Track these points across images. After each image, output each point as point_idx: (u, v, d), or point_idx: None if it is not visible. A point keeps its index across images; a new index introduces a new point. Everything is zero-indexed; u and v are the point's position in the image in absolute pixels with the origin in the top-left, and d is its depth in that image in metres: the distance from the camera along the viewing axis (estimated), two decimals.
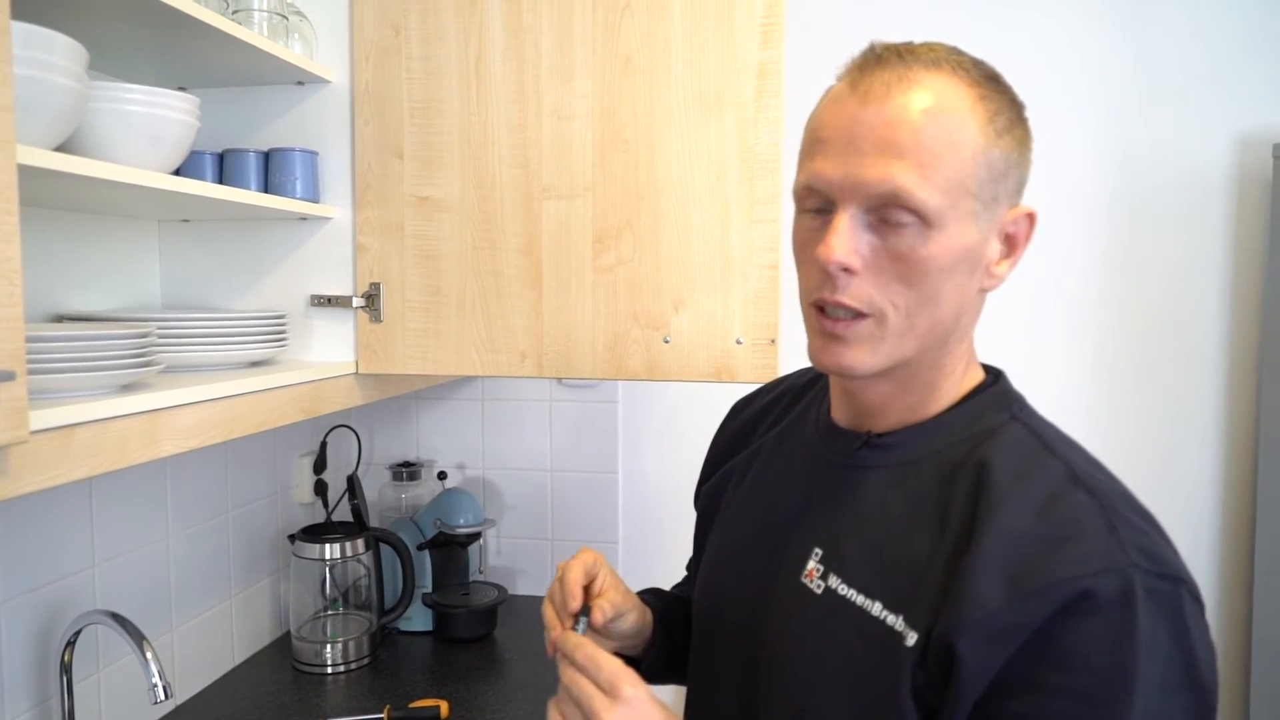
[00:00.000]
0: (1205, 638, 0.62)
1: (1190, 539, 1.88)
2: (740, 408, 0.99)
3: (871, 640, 0.67)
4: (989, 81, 0.68)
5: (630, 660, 0.92)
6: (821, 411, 0.82)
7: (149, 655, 1.12)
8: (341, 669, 1.60)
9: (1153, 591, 0.60)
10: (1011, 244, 0.70)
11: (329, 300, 1.32)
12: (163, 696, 1.11)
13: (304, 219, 1.31)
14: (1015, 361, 1.97)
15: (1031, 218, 0.70)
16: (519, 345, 1.27)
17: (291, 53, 1.22)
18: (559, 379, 1.97)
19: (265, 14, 1.22)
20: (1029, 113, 0.71)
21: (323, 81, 1.30)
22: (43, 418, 0.78)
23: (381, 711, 1.41)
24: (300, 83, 1.31)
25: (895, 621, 0.66)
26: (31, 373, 0.78)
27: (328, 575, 1.67)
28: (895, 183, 0.64)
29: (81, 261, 1.23)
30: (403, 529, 1.80)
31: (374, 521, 1.88)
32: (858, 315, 0.68)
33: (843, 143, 0.67)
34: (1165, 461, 1.90)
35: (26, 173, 0.77)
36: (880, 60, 0.67)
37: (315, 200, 1.30)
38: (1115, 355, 1.91)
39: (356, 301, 1.31)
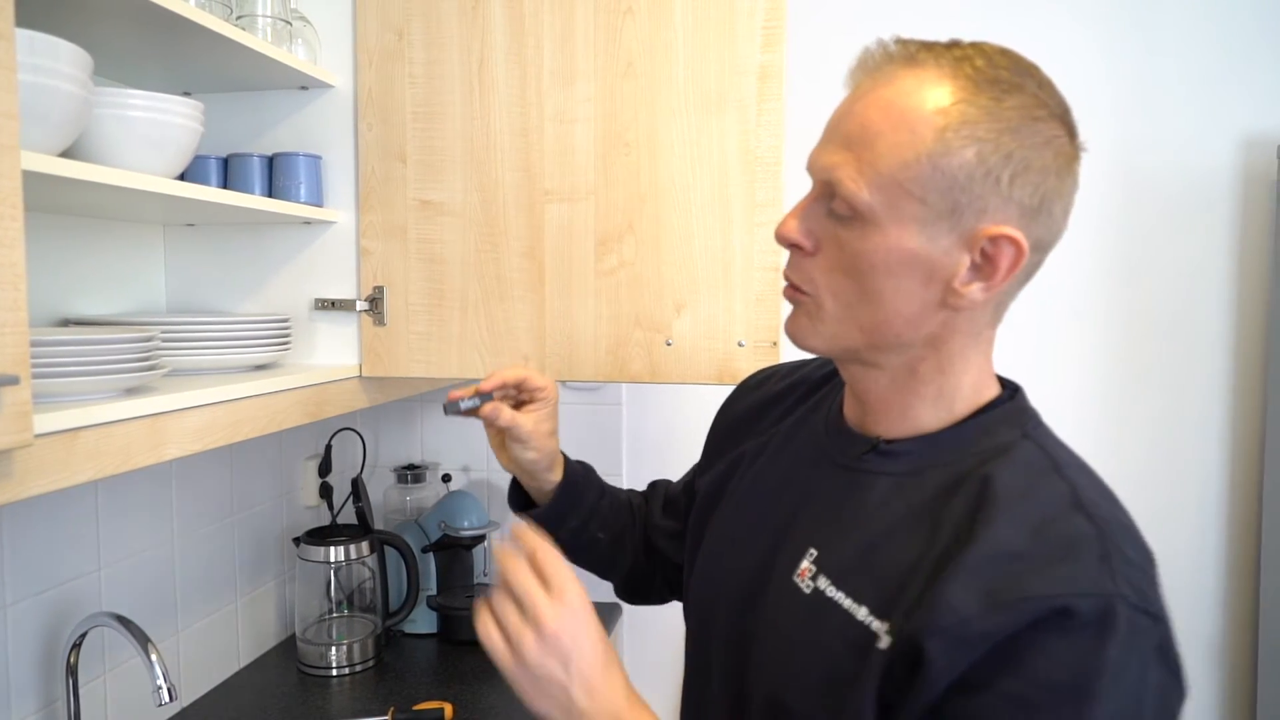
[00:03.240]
0: (1177, 687, 0.61)
1: (1197, 541, 1.88)
2: (749, 388, 0.98)
3: (852, 644, 0.66)
4: (988, 89, 0.64)
5: (526, 503, 1.04)
6: (833, 408, 0.82)
7: (154, 658, 1.12)
8: (346, 671, 1.60)
9: (1134, 625, 0.58)
10: (991, 266, 0.65)
11: (333, 304, 1.33)
12: (168, 699, 1.11)
13: (308, 223, 1.32)
14: (1019, 366, 1.96)
15: (1011, 240, 0.64)
16: (522, 348, 1.28)
17: (295, 58, 1.23)
18: (562, 382, 1.97)
19: (269, 19, 1.22)
20: None
21: (326, 86, 1.31)
22: (47, 421, 0.79)
23: (386, 714, 1.41)
24: (304, 88, 1.32)
25: (879, 628, 0.65)
26: (36, 377, 0.78)
27: (333, 578, 1.68)
28: (833, 173, 0.67)
29: (86, 266, 1.23)
30: (407, 531, 1.81)
31: (379, 524, 1.88)
32: (799, 290, 0.71)
33: (825, 130, 0.71)
34: (1172, 464, 1.90)
35: (31, 178, 0.78)
36: (879, 55, 0.68)
37: (319, 204, 1.31)
38: (1121, 358, 1.91)
39: (360, 305, 1.31)
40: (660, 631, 1.97)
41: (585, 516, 1.02)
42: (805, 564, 0.73)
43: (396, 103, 1.28)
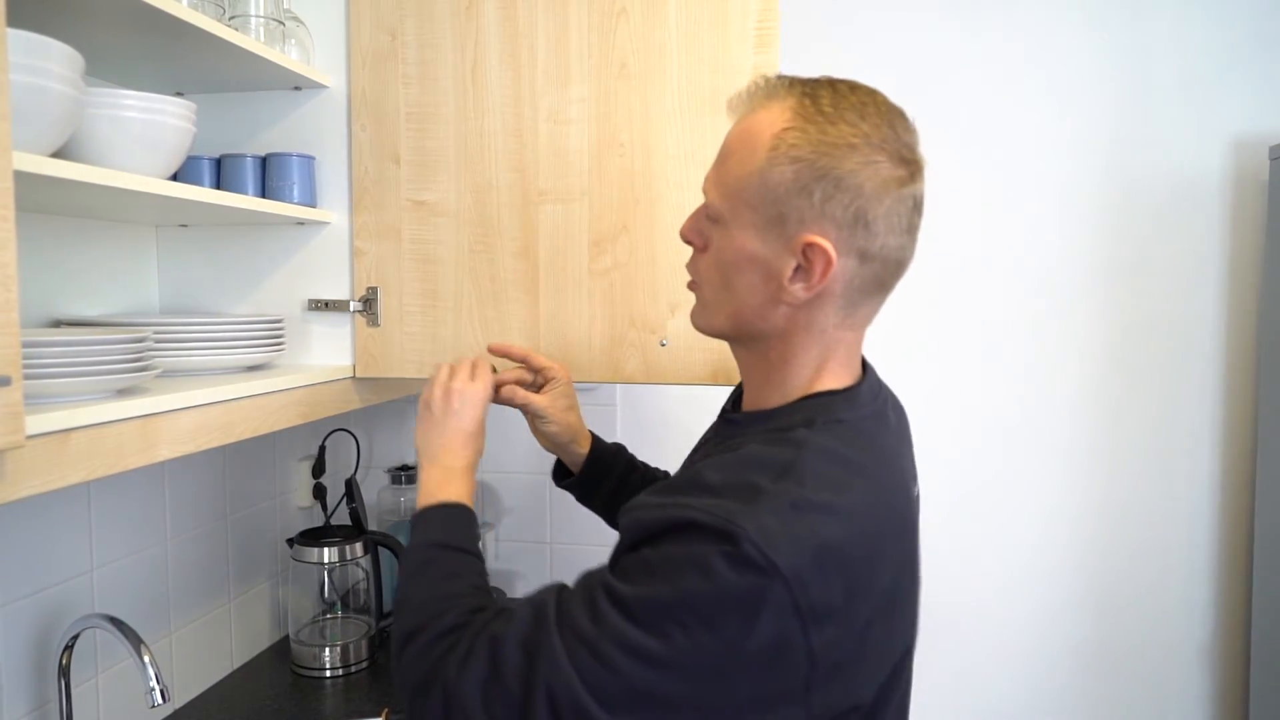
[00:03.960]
0: (751, 649, 0.66)
1: (1187, 542, 1.88)
2: None
3: None
4: (818, 119, 0.75)
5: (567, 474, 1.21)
6: None
7: (147, 659, 1.12)
8: (340, 672, 1.60)
9: (746, 558, 0.65)
10: (809, 269, 0.76)
11: (326, 304, 1.32)
12: (160, 700, 1.11)
13: (301, 224, 1.32)
14: (1012, 365, 1.97)
15: (821, 249, 0.74)
16: None
17: (288, 58, 1.23)
18: None
19: (262, 20, 1.22)
20: (1034, 114, 0.70)
21: (320, 87, 1.31)
22: (39, 422, 0.78)
23: (380, 715, 1.41)
24: (297, 88, 1.31)
25: None
26: (28, 378, 0.78)
27: (326, 579, 1.68)
28: (705, 184, 0.83)
29: (79, 267, 1.23)
30: (401, 532, 1.80)
31: (373, 525, 1.88)
32: (694, 282, 0.87)
33: None
34: (1163, 465, 1.90)
35: (23, 179, 0.78)
36: (756, 89, 0.80)
37: (312, 205, 1.31)
38: (1112, 359, 1.92)
39: (354, 305, 1.31)
40: None
41: (615, 486, 1.18)
42: None
43: (390, 103, 1.28)
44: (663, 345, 1.24)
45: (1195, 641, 1.90)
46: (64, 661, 1.17)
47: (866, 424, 0.81)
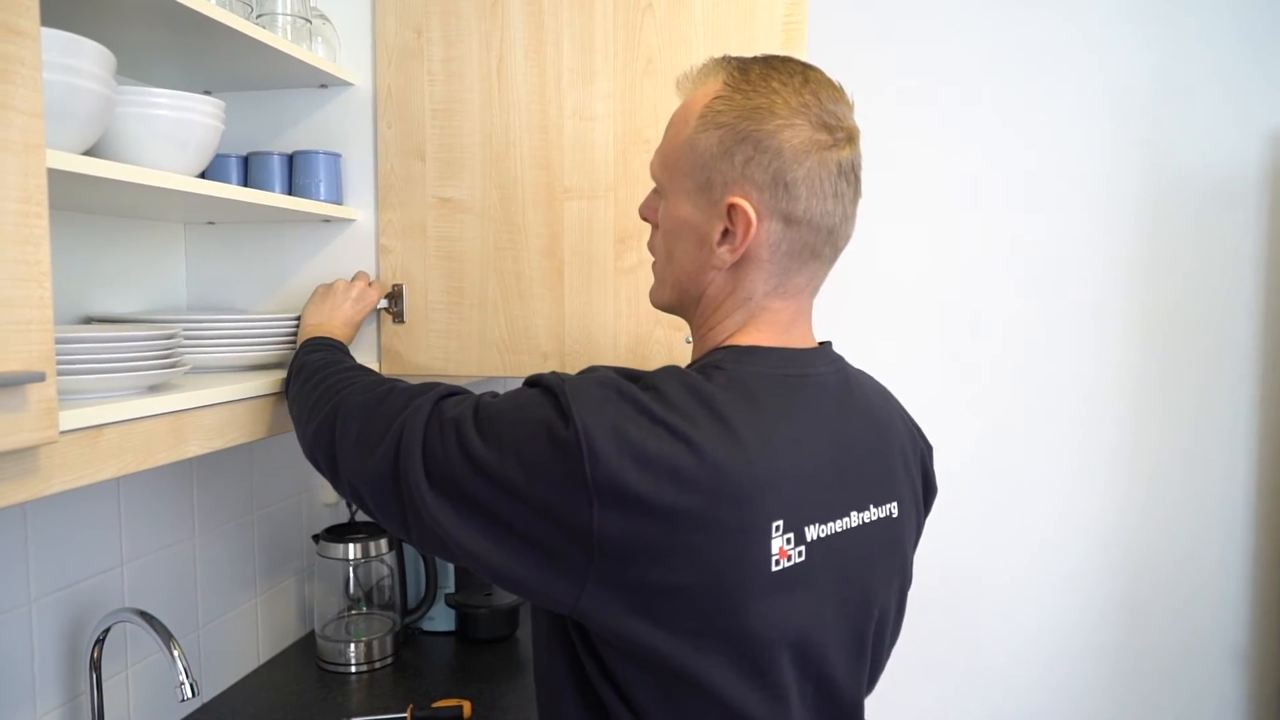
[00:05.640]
0: (543, 484, 0.72)
1: (1221, 541, 1.85)
2: None
3: None
4: (743, 88, 0.79)
5: None
6: None
7: (176, 653, 1.13)
8: (365, 668, 1.61)
9: (559, 408, 0.73)
10: (734, 230, 0.79)
11: None
12: (190, 694, 1.12)
13: (327, 221, 1.32)
14: (1045, 361, 1.94)
15: (742, 210, 0.77)
16: (541, 346, 1.27)
17: (315, 56, 1.23)
18: None
19: (289, 18, 1.22)
20: (1063, 109, 0.69)
21: (345, 84, 1.31)
22: (72, 418, 0.79)
23: (405, 711, 1.42)
24: (323, 86, 1.32)
25: None
26: (61, 374, 0.79)
27: (351, 575, 1.68)
28: (651, 161, 0.87)
29: (109, 264, 1.24)
30: None
31: None
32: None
33: None
34: (1197, 462, 1.87)
35: (56, 177, 0.78)
36: (701, 68, 0.84)
37: (339, 202, 1.31)
38: (1145, 354, 1.89)
39: (380, 303, 1.31)
40: None
41: None
42: None
43: (415, 100, 1.28)
44: (687, 342, 1.23)
45: (1229, 643, 1.87)
46: (95, 655, 1.18)
47: (753, 380, 0.77)
